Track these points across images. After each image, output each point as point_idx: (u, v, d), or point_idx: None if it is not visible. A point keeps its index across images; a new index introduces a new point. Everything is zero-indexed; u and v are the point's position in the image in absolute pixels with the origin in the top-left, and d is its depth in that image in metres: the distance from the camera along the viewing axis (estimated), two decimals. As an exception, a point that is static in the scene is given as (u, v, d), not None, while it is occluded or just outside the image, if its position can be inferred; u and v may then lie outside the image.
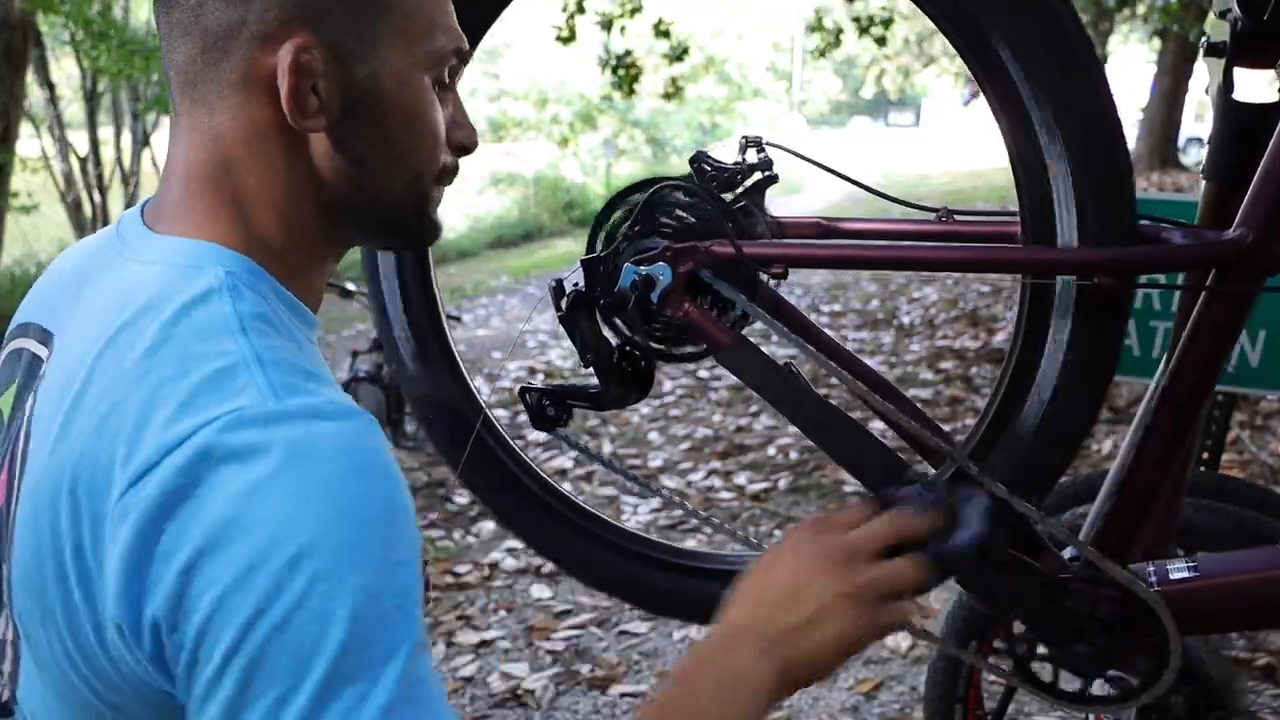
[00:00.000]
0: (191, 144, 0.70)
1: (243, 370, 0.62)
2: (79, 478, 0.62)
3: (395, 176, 0.73)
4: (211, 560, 0.57)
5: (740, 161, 1.07)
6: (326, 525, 0.58)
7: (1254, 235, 0.92)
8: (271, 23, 0.67)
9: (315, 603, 0.56)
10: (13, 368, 0.76)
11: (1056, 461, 1.00)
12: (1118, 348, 0.96)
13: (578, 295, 0.97)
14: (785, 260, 0.95)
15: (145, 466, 0.59)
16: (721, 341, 0.96)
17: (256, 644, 0.56)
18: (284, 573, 0.56)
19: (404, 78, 0.71)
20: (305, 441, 0.59)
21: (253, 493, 0.57)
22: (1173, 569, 1.03)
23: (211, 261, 0.68)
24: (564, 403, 1.02)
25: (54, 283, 0.79)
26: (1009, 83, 0.90)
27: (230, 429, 0.59)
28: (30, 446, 0.68)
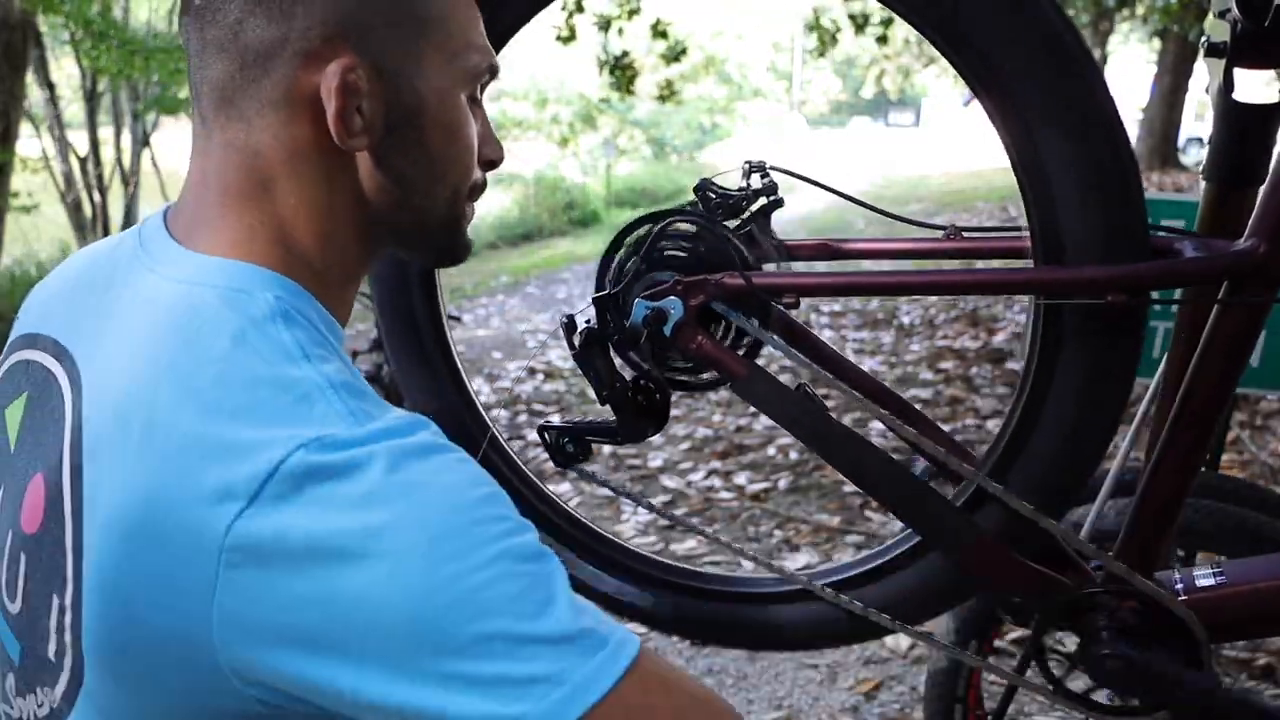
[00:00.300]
0: (227, 160, 0.70)
1: (319, 398, 0.62)
2: (161, 513, 0.60)
3: (436, 194, 0.74)
4: (345, 574, 0.58)
5: (745, 187, 1.07)
6: (448, 513, 0.60)
7: (1266, 245, 0.91)
8: (314, 41, 0.67)
9: (465, 579, 0.58)
10: (19, 380, 0.74)
11: (1076, 477, 0.99)
12: (1134, 363, 0.96)
13: (590, 333, 0.97)
14: (796, 290, 0.96)
15: (248, 497, 0.58)
16: (736, 372, 0.96)
17: (424, 632, 0.58)
18: (425, 564, 0.58)
19: (443, 95, 0.71)
20: (399, 450, 0.61)
21: (366, 500, 0.59)
22: (1199, 576, 1.03)
23: (257, 285, 0.67)
24: (583, 439, 1.03)
25: (63, 293, 0.77)
26: (1014, 100, 0.89)
27: (323, 450, 0.59)
28: (86, 485, 0.65)
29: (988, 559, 0.98)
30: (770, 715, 2.52)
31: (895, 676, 2.65)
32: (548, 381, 5.79)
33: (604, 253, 1.01)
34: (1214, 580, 1.02)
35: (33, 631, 0.68)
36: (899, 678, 2.64)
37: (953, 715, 1.63)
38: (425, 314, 1.11)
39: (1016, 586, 1.01)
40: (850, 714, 2.51)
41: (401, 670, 0.58)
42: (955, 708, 1.63)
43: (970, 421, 4.48)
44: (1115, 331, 0.94)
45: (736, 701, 2.59)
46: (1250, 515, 1.47)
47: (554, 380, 5.81)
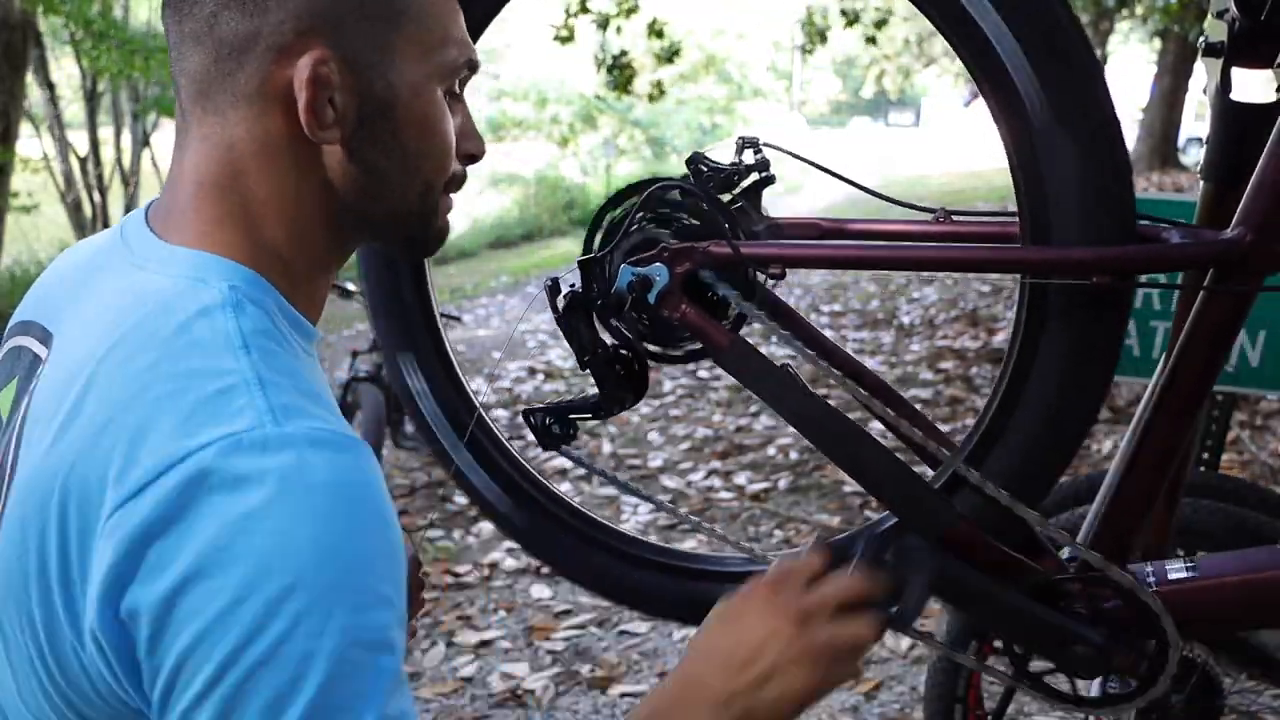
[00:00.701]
0: (202, 152, 0.70)
1: (242, 391, 0.62)
2: (70, 487, 0.62)
3: (408, 186, 0.74)
4: (197, 588, 0.57)
5: (737, 162, 1.07)
6: (313, 562, 0.58)
7: (1252, 235, 0.92)
8: (287, 34, 0.67)
9: (298, 641, 0.57)
10: (12, 365, 0.76)
11: (1055, 463, 0.99)
12: (1117, 348, 0.96)
13: (574, 296, 0.97)
14: (783, 260, 0.95)
15: (138, 485, 0.59)
16: (719, 343, 0.96)
17: (236, 679, 0.57)
18: (269, 609, 0.57)
19: (418, 88, 0.71)
20: (299, 471, 0.59)
21: (243, 523, 0.58)
22: (1171, 569, 1.03)
23: (217, 274, 0.68)
24: (567, 418, 1.02)
25: (55, 282, 0.78)
26: (1008, 83, 0.89)
27: (226, 454, 0.59)
28: (22, 448, 0.68)
29: (962, 543, 0.98)
30: (770, 715, 2.52)
31: (895, 676, 2.65)
32: (548, 381, 5.79)
33: (593, 217, 1.00)
34: (1186, 573, 1.02)
35: None
36: (899, 678, 2.64)
37: (953, 715, 1.63)
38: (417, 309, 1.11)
39: (990, 571, 1.00)
40: (850, 714, 2.51)
41: (199, 697, 0.58)
42: (955, 708, 1.63)
43: (970, 421, 4.48)
44: (1099, 315, 0.94)
45: (736, 701, 2.59)
46: (1250, 515, 1.47)
47: (554, 380, 5.81)
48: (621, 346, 0.99)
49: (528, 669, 2.81)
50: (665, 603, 1.18)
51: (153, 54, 7.27)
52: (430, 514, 3.89)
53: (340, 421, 0.66)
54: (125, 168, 9.62)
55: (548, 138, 19.33)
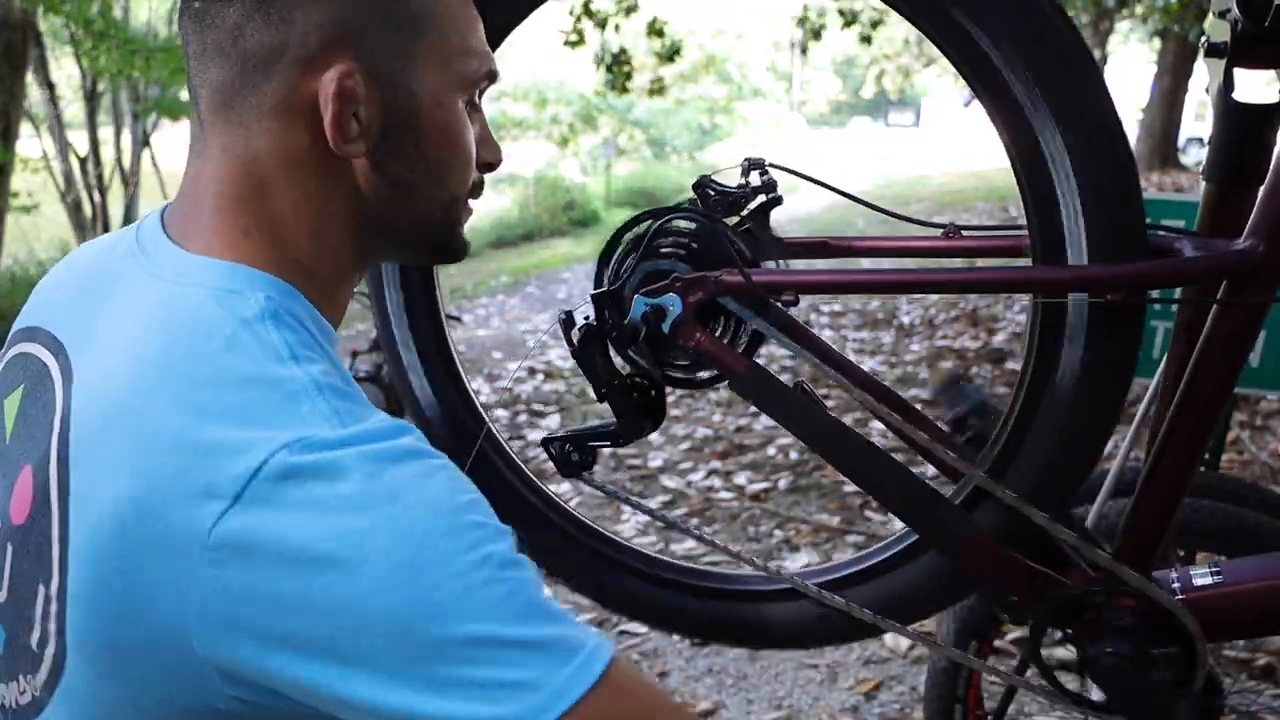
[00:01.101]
0: (225, 164, 0.70)
1: (304, 398, 0.63)
2: (149, 510, 0.61)
3: (432, 197, 0.74)
4: (331, 575, 0.59)
5: (744, 184, 1.07)
6: (433, 515, 0.60)
7: (1265, 246, 0.91)
8: (313, 47, 0.67)
9: (454, 587, 0.59)
10: (17, 372, 0.75)
11: (1074, 475, 0.99)
12: (1132, 361, 0.95)
13: (589, 329, 0.97)
14: (795, 287, 0.96)
15: (231, 497, 0.59)
16: (735, 369, 0.97)
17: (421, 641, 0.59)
18: (415, 572, 0.59)
19: (440, 100, 0.72)
20: (377, 454, 0.61)
21: (346, 507, 0.59)
22: (1196, 575, 1.03)
23: (250, 286, 0.68)
24: (586, 446, 1.03)
25: (62, 288, 0.78)
26: (1013, 101, 0.89)
27: (306, 451, 0.60)
28: (74, 472, 0.66)
29: (985, 558, 0.98)
30: (770, 715, 2.52)
31: (895, 676, 2.65)
32: (548, 381, 5.79)
33: (603, 249, 1.00)
34: (1211, 579, 1.02)
35: (17, 619, 0.69)
36: (899, 678, 2.64)
37: (953, 715, 1.63)
38: (424, 308, 1.11)
39: (1014, 585, 1.01)
40: (850, 714, 2.51)
41: (386, 672, 0.59)
42: (955, 708, 1.63)
43: (970, 421, 4.47)
44: (1114, 331, 0.94)
45: (736, 701, 2.59)
46: (1250, 515, 1.47)
47: (554, 380, 5.81)
48: (638, 375, 1.00)
49: (528, 669, 2.80)
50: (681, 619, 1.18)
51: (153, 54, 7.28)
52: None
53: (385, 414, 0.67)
54: (125, 168, 9.63)
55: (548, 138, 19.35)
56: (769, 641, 1.20)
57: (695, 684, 2.69)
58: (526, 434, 4.84)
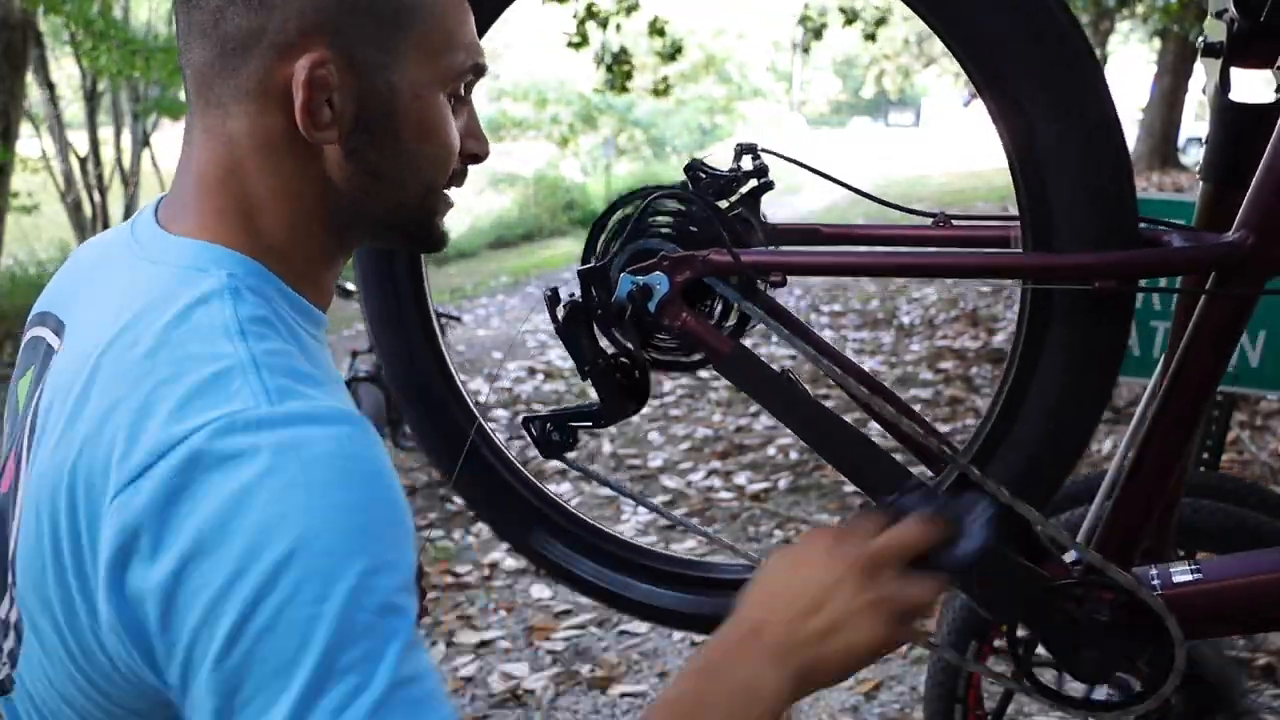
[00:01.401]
0: (204, 146, 0.72)
1: (238, 374, 0.62)
2: (78, 476, 0.63)
3: (407, 187, 0.74)
4: (199, 564, 0.58)
5: (736, 168, 1.06)
6: (313, 526, 0.58)
7: (1254, 238, 0.91)
8: (291, 33, 0.68)
9: (300, 607, 0.57)
10: (31, 354, 0.78)
11: (1059, 466, 0.99)
12: (1120, 352, 0.96)
13: (575, 306, 0.97)
14: (783, 268, 0.95)
15: (139, 469, 0.60)
16: (720, 350, 0.96)
17: (245, 647, 0.57)
18: (270, 575, 0.57)
19: (419, 92, 0.72)
20: (294, 444, 0.60)
21: (241, 496, 0.58)
22: (1176, 572, 1.03)
23: (215, 264, 0.69)
24: (567, 426, 1.02)
25: (71, 274, 0.80)
26: (1007, 86, 0.89)
27: (222, 434, 0.60)
28: (35, 437, 0.69)
29: None
30: (770, 715, 2.52)
31: (895, 676, 2.65)
32: (548, 381, 5.79)
33: (592, 227, 1.00)
34: (1191, 576, 1.02)
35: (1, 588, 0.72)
36: (899, 678, 2.64)
37: (953, 715, 1.63)
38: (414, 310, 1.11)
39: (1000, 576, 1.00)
40: (850, 714, 2.51)
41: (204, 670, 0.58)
42: (955, 708, 1.63)
43: (970, 421, 4.48)
44: (1102, 320, 0.94)
45: (736, 701, 2.59)
46: (1250, 515, 1.47)
47: (554, 380, 5.81)
48: (622, 355, 0.99)
49: (528, 669, 2.81)
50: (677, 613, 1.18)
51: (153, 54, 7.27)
52: (430, 523, 3.89)
53: (339, 398, 0.66)
54: (125, 168, 9.62)
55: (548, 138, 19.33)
56: None
57: (695, 684, 2.69)
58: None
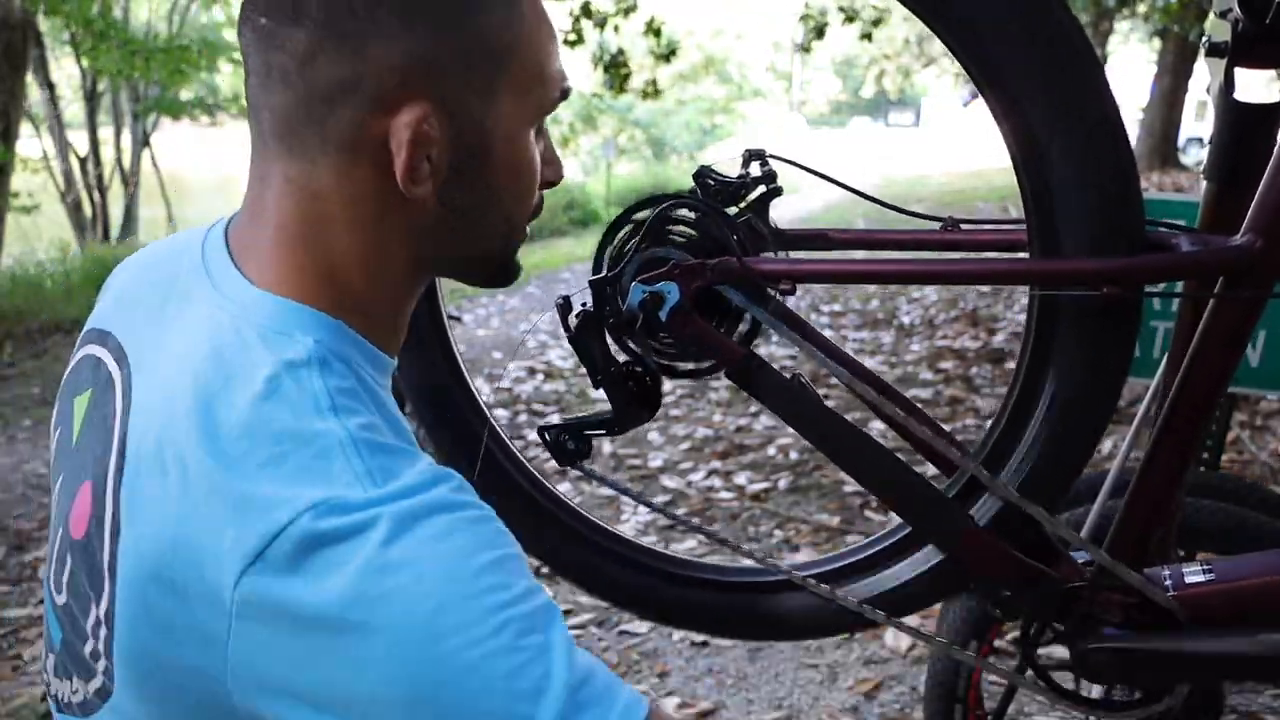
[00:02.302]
0: (287, 195, 0.68)
1: (338, 455, 0.62)
2: (187, 558, 0.62)
3: (494, 227, 0.73)
4: (347, 640, 0.58)
5: (744, 174, 1.07)
6: (451, 580, 0.59)
7: (1262, 241, 0.91)
8: (388, 85, 0.64)
9: (467, 658, 0.58)
10: (87, 374, 0.75)
11: (1069, 468, 0.99)
12: (1128, 355, 0.96)
13: (587, 316, 0.97)
14: (793, 276, 0.96)
15: (254, 554, 0.59)
16: (732, 357, 0.96)
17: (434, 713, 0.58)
18: (428, 640, 0.58)
19: (513, 134, 0.70)
20: (407, 512, 0.60)
21: (368, 569, 0.58)
22: (1188, 573, 1.03)
23: (300, 327, 0.67)
24: (582, 435, 1.03)
25: (132, 292, 0.77)
26: (1012, 92, 0.89)
27: (331, 514, 0.59)
28: (124, 497, 0.67)
29: (978, 551, 0.99)
30: (770, 715, 2.52)
31: (895, 676, 2.65)
32: (548, 381, 5.79)
33: (603, 236, 1.00)
34: (1203, 577, 1.02)
35: (73, 627, 0.70)
36: (899, 678, 2.64)
37: (953, 715, 1.63)
38: (424, 312, 1.11)
39: (1006, 579, 1.01)
40: (850, 714, 2.51)
41: None
42: (955, 708, 1.63)
43: (970, 421, 4.48)
44: (1110, 325, 0.94)
45: (736, 701, 2.59)
46: (1250, 515, 1.47)
47: (554, 380, 5.81)
48: (634, 363, 1.00)
49: (528, 669, 2.81)
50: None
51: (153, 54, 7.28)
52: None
53: (425, 461, 0.66)
54: (125, 168, 9.62)
55: (548, 138, 19.34)
56: (771, 633, 1.21)
57: (695, 684, 2.69)
58: (526, 434, 4.84)
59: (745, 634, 1.24)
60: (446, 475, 0.64)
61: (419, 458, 0.65)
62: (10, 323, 7.01)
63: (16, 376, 6.38)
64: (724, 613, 1.16)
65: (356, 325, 0.70)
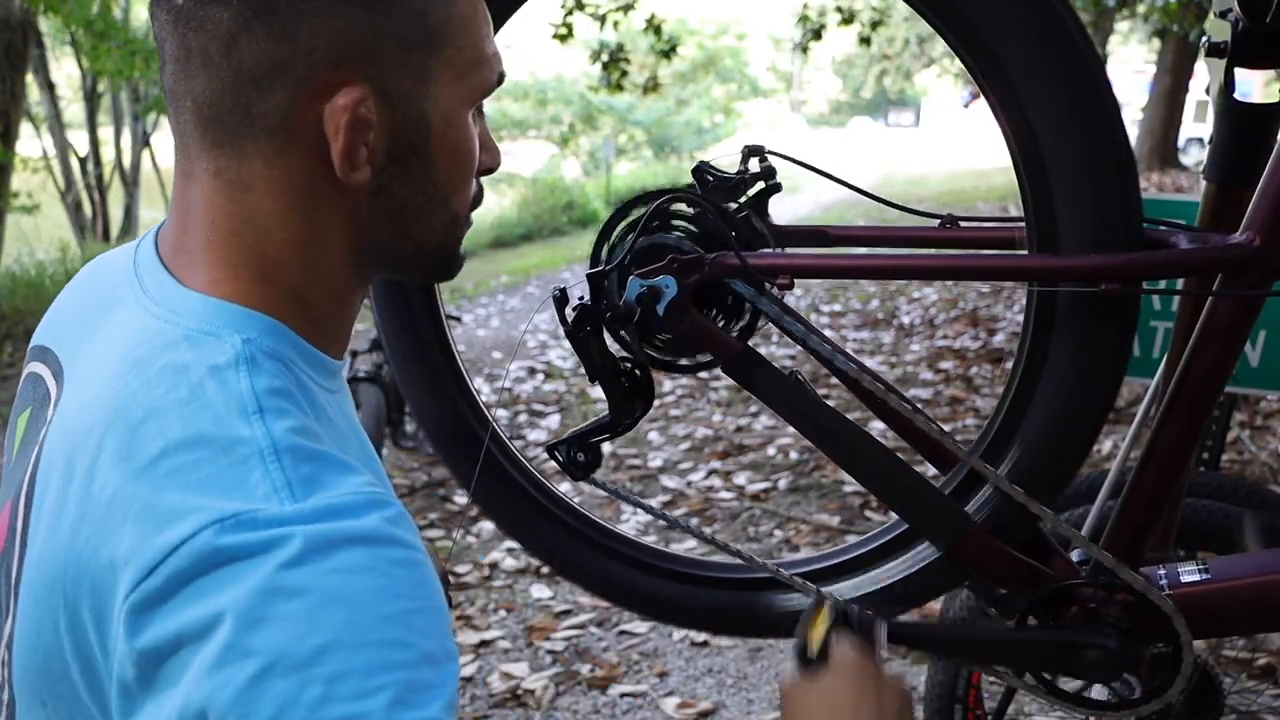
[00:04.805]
0: (216, 190, 0.64)
1: (258, 464, 0.57)
2: (80, 568, 0.58)
3: (435, 219, 0.69)
4: (228, 660, 0.53)
5: (743, 170, 1.06)
6: (345, 624, 0.54)
7: (1260, 239, 0.91)
8: (320, 65, 0.61)
9: (341, 702, 0.53)
10: (30, 392, 0.73)
11: (1066, 465, 1.00)
12: (1126, 352, 0.96)
13: (584, 309, 0.97)
14: (791, 271, 0.95)
15: (152, 564, 0.55)
16: (729, 352, 0.96)
17: None
18: (297, 683, 0.53)
19: (451, 116, 0.67)
20: (323, 537, 0.55)
21: (264, 593, 0.54)
22: (1184, 572, 1.03)
23: (229, 326, 0.63)
24: (589, 445, 1.03)
25: (73, 307, 0.75)
26: (1011, 89, 0.89)
27: (238, 530, 0.55)
28: (33, 504, 0.64)
29: (974, 548, 0.99)
30: (770, 715, 2.52)
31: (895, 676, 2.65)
32: (548, 381, 5.79)
33: (600, 230, 1.00)
34: (1199, 576, 1.03)
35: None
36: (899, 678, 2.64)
37: (952, 715, 1.63)
38: (425, 312, 1.11)
39: (1002, 577, 1.01)
40: (850, 714, 2.51)
41: None
42: (955, 708, 1.63)
43: (970, 421, 4.48)
44: (1108, 321, 0.94)
45: (736, 701, 2.59)
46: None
47: (554, 380, 5.81)
48: (629, 358, 1.00)
49: (528, 669, 2.81)
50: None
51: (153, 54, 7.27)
52: (430, 513, 3.89)
53: (360, 480, 0.60)
54: (125, 168, 9.63)
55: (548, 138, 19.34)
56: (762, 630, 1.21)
57: (695, 684, 2.69)
58: (526, 434, 4.84)
59: (744, 632, 1.25)
60: (382, 502, 0.59)
61: (354, 473, 0.60)
62: (10, 323, 7.00)
63: (16, 377, 6.38)
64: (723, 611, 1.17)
65: (297, 326, 0.66)
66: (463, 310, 7.87)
